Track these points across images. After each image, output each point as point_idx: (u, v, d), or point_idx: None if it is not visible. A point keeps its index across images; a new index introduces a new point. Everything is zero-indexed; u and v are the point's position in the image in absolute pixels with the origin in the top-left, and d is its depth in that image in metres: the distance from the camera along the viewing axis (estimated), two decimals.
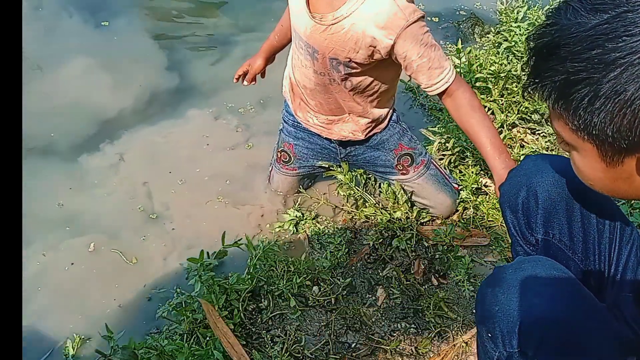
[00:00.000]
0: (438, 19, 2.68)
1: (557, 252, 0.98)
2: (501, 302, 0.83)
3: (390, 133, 1.60)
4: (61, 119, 2.09)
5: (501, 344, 0.83)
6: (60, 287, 1.61)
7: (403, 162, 1.62)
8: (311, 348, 1.41)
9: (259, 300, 1.50)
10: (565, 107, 0.65)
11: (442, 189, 1.66)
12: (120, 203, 1.84)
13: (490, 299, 0.85)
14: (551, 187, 0.97)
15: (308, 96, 1.54)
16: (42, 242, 1.72)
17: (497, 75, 2.02)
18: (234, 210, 1.83)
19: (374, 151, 1.63)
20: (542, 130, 1.97)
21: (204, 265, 1.42)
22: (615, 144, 0.63)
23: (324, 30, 1.33)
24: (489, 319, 0.85)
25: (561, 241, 0.97)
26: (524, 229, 1.01)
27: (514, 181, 1.03)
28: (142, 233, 1.75)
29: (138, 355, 1.25)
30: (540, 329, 0.79)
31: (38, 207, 1.79)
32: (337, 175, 1.70)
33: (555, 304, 0.79)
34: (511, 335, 0.81)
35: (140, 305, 1.56)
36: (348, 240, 1.67)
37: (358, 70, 1.39)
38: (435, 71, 1.31)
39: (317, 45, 1.37)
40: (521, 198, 1.00)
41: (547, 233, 0.98)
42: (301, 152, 1.69)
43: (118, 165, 1.95)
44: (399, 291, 1.53)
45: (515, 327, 0.80)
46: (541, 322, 0.79)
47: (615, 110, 0.60)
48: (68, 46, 2.41)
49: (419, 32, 1.27)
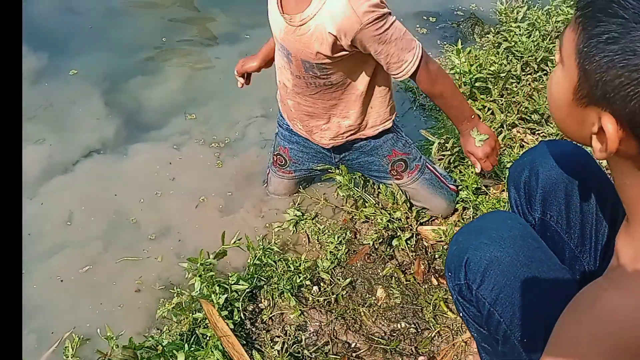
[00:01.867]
0: (437, 19, 2.68)
1: (553, 234, 1.01)
2: (459, 242, 0.92)
3: (384, 139, 1.58)
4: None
5: (453, 277, 0.91)
6: (61, 287, 1.61)
7: (397, 167, 1.61)
8: (311, 348, 1.41)
9: (259, 300, 1.50)
10: (585, 27, 0.63)
11: (436, 192, 1.66)
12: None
13: (453, 242, 0.94)
14: (553, 168, 0.99)
15: (289, 98, 1.52)
16: (42, 243, 1.72)
17: (497, 75, 2.02)
18: (233, 210, 1.83)
19: (367, 157, 1.62)
20: (542, 130, 1.97)
21: (204, 265, 1.42)
22: (592, 89, 0.63)
23: (293, 31, 1.32)
24: (448, 259, 0.94)
25: (558, 224, 1.00)
26: (525, 208, 1.04)
27: (520, 161, 1.06)
28: (142, 233, 1.76)
29: (138, 355, 1.25)
30: (483, 265, 0.85)
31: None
32: (336, 177, 1.69)
33: (501, 246, 0.85)
34: (459, 269, 0.89)
35: (140, 305, 1.56)
36: (348, 240, 1.67)
37: (330, 68, 1.37)
38: (393, 65, 1.33)
39: (290, 47, 1.36)
40: (524, 177, 1.03)
41: (544, 213, 1.01)
42: (296, 155, 1.69)
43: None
44: (398, 291, 1.54)
45: (463, 261, 0.88)
46: (486, 259, 0.85)
47: (618, 65, 0.60)
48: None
49: (374, 33, 1.26)
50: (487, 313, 0.87)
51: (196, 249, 1.55)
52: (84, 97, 2.23)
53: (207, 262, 1.42)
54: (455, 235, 0.95)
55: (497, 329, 0.88)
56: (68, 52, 2.44)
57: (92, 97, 2.23)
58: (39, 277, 1.63)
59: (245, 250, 1.50)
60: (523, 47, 2.18)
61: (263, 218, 1.80)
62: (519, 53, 2.19)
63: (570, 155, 0.99)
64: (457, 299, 0.93)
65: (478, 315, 0.91)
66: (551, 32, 2.23)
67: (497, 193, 1.77)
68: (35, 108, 2.16)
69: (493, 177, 1.82)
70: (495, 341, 0.91)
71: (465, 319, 0.96)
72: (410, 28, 2.62)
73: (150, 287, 1.61)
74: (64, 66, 2.35)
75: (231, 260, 1.63)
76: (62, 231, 1.76)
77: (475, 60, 2.08)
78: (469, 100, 2.08)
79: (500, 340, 0.88)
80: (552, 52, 2.15)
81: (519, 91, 2.05)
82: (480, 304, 0.88)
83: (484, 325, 0.91)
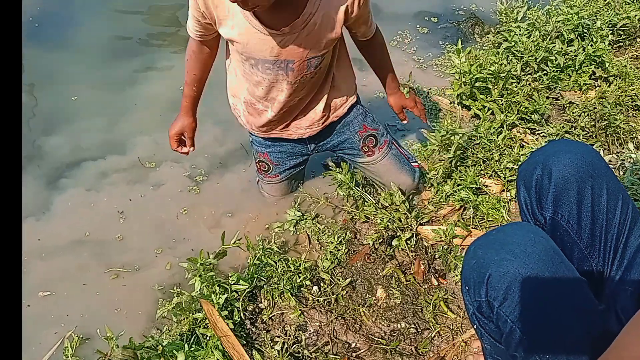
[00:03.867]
0: (437, 19, 2.68)
1: (563, 235, 1.00)
2: (478, 256, 0.88)
3: (354, 115, 1.63)
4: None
5: (473, 293, 0.88)
6: (61, 287, 1.61)
7: (368, 143, 1.66)
8: (311, 348, 1.41)
9: (259, 300, 1.50)
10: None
11: (403, 169, 1.72)
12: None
13: (470, 255, 0.91)
14: (566, 167, 0.98)
15: (273, 109, 1.50)
16: (42, 245, 1.73)
17: (497, 75, 2.02)
18: (233, 211, 1.83)
19: (340, 136, 1.65)
20: (542, 131, 1.97)
21: (204, 265, 1.42)
22: None
23: (296, 37, 1.30)
24: (466, 272, 0.91)
25: (569, 223, 0.99)
26: (535, 207, 1.03)
27: (532, 160, 1.05)
28: (142, 233, 1.76)
29: (138, 355, 1.25)
30: (507, 282, 0.83)
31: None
32: (337, 176, 1.70)
33: (525, 262, 0.83)
34: (480, 285, 0.86)
35: (140, 305, 1.57)
36: (348, 240, 1.67)
37: (327, 53, 1.40)
38: (369, 22, 1.44)
39: (292, 55, 1.34)
40: (536, 175, 1.02)
41: (555, 212, 0.99)
42: (276, 157, 1.70)
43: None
44: (398, 291, 1.54)
45: (484, 277, 0.85)
46: (508, 276, 0.83)
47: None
48: None
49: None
50: (508, 330, 0.85)
51: (196, 249, 1.55)
52: None
53: (207, 262, 1.42)
54: (473, 247, 0.91)
55: (517, 346, 0.86)
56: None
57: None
58: (39, 277, 1.63)
59: (245, 250, 1.50)
60: (523, 47, 2.18)
61: (263, 218, 1.80)
62: (519, 53, 2.19)
63: (581, 155, 0.98)
64: (475, 314, 0.91)
65: (496, 331, 0.89)
66: (551, 32, 2.23)
67: (497, 193, 1.77)
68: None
69: (493, 177, 1.82)
70: (512, 356, 0.89)
71: (479, 332, 0.94)
72: (411, 28, 2.64)
73: (150, 287, 1.61)
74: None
75: (231, 260, 1.63)
76: (60, 232, 1.76)
77: (476, 60, 2.08)
78: (469, 100, 2.08)
79: (522, 357, 0.86)
80: (552, 52, 2.15)
81: (519, 91, 2.05)
82: (501, 321, 0.86)
83: (502, 341, 0.89)
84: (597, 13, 2.43)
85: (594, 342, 0.82)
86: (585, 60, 2.17)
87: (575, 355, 0.82)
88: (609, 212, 0.96)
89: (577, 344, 0.82)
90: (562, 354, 0.82)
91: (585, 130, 1.99)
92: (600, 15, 2.41)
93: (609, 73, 2.19)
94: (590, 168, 0.97)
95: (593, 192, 0.97)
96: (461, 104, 2.10)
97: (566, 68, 2.19)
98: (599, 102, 2.06)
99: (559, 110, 2.14)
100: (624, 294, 0.92)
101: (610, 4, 2.53)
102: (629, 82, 2.15)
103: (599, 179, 0.97)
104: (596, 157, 0.99)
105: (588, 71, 2.17)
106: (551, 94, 2.17)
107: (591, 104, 2.05)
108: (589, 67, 2.18)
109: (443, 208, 1.75)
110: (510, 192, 1.76)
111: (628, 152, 1.86)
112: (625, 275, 0.94)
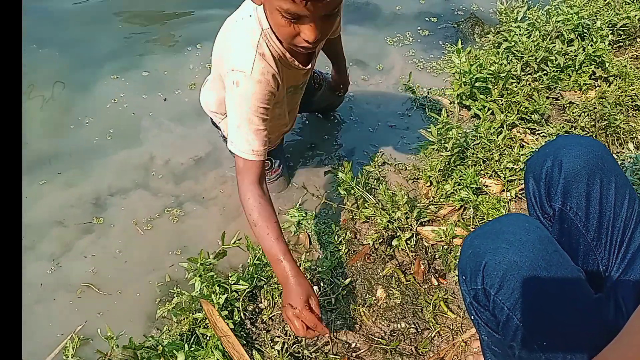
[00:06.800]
0: (438, 20, 2.68)
1: (571, 226, 1.00)
2: (474, 246, 0.89)
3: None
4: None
5: (469, 282, 0.89)
6: (60, 287, 1.61)
7: (315, 79, 1.89)
8: (311, 348, 1.41)
9: (259, 300, 1.50)
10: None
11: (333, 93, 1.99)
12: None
13: (467, 245, 0.92)
14: (576, 159, 0.99)
15: (289, 125, 1.66)
16: (42, 245, 1.72)
17: (497, 75, 2.02)
18: (233, 210, 1.83)
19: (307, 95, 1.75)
20: (542, 131, 1.97)
21: (204, 265, 1.42)
22: None
23: (315, 57, 1.45)
24: (462, 261, 0.92)
25: (577, 215, 0.99)
26: (544, 199, 1.04)
27: (541, 152, 1.05)
28: (142, 233, 1.76)
29: (138, 355, 1.25)
30: (502, 269, 0.84)
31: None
32: (337, 174, 1.70)
33: (520, 250, 0.84)
34: (477, 273, 0.87)
35: (140, 306, 1.56)
36: (348, 240, 1.67)
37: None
38: (340, 20, 1.52)
39: (313, 62, 1.46)
40: (546, 167, 1.02)
41: (564, 204, 1.00)
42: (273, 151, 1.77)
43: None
44: (398, 291, 1.54)
45: (480, 266, 0.86)
46: (504, 263, 0.84)
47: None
48: None
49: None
50: (505, 318, 0.86)
51: (196, 249, 1.54)
52: None
53: (207, 262, 1.42)
54: (470, 238, 0.92)
55: (515, 333, 0.86)
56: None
57: None
58: (38, 277, 1.63)
59: (245, 250, 1.50)
60: (523, 47, 2.18)
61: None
62: (519, 53, 2.19)
63: (591, 148, 0.99)
64: (471, 303, 0.92)
65: (492, 319, 0.89)
66: (551, 32, 2.24)
67: (497, 193, 1.77)
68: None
69: (493, 177, 1.82)
70: (508, 346, 0.90)
71: (476, 322, 0.94)
72: (412, 28, 2.64)
73: (150, 287, 1.61)
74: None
75: (231, 260, 1.63)
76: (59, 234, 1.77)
77: (476, 60, 2.08)
78: (469, 100, 2.08)
79: (518, 345, 0.87)
80: (552, 52, 2.15)
81: (519, 91, 2.05)
82: (497, 309, 0.87)
83: (499, 330, 0.89)
84: (597, 13, 2.43)
85: (590, 328, 0.83)
86: (585, 60, 2.17)
87: (572, 341, 0.83)
88: (617, 205, 0.97)
89: (572, 330, 0.83)
90: (558, 340, 0.83)
91: (585, 130, 1.99)
92: (600, 15, 2.41)
93: (609, 73, 2.19)
94: (600, 161, 0.98)
95: (602, 185, 0.98)
96: (461, 104, 2.10)
97: (566, 68, 2.19)
98: (599, 102, 2.06)
99: (559, 110, 2.14)
100: (626, 284, 0.93)
101: (610, 4, 2.53)
102: (629, 82, 2.15)
103: (608, 173, 0.98)
104: (605, 151, 1.01)
105: (588, 71, 2.17)
106: (551, 94, 2.17)
107: (591, 104, 2.05)
108: (589, 67, 2.18)
109: (443, 208, 1.75)
110: (510, 192, 1.76)
111: (628, 152, 1.86)
112: (628, 267, 0.95)
